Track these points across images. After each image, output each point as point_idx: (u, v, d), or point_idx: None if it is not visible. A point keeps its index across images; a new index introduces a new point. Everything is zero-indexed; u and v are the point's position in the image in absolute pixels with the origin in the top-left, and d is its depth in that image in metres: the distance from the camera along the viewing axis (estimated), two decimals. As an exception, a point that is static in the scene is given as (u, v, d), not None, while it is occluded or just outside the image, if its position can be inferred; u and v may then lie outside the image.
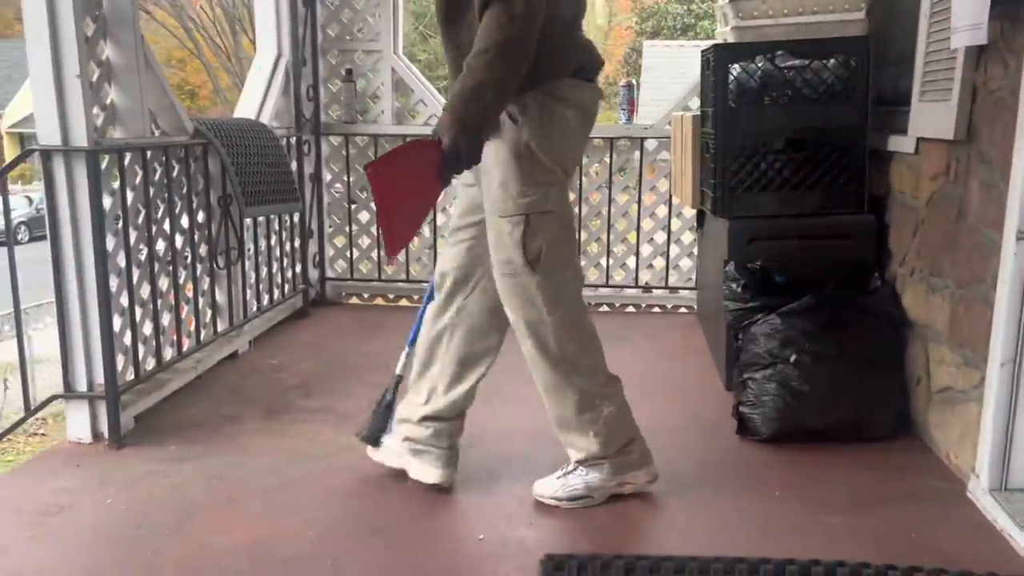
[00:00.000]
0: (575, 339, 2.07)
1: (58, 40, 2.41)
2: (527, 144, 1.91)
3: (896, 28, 2.95)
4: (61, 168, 2.47)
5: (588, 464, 2.14)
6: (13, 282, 2.55)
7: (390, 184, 1.88)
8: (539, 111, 1.91)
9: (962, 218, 2.28)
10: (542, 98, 1.91)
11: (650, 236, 4.40)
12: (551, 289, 2.01)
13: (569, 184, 2.10)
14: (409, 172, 1.93)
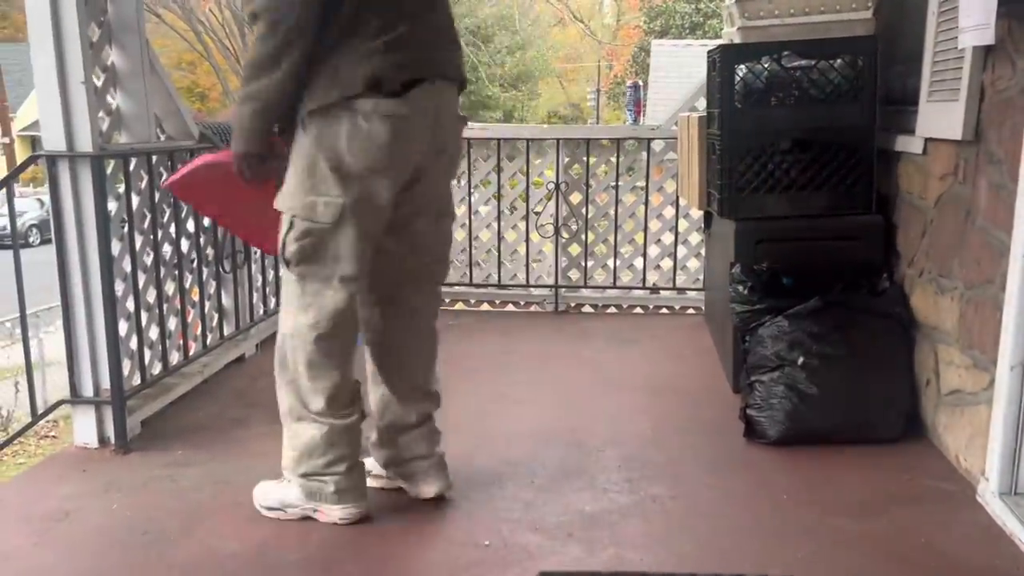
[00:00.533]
0: (303, 357, 2.01)
1: (62, 46, 2.42)
2: (312, 154, 1.89)
3: (904, 27, 2.93)
4: (66, 173, 2.48)
5: (285, 476, 2.14)
6: (19, 286, 2.55)
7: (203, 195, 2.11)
8: (327, 126, 1.87)
9: (971, 219, 2.26)
10: (335, 111, 1.86)
11: (657, 237, 4.39)
12: (302, 296, 1.99)
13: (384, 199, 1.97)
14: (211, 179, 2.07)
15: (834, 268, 2.80)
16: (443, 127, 2.04)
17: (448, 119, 2.06)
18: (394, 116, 1.88)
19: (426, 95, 1.94)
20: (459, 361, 3.53)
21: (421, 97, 1.92)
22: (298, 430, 2.08)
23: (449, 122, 2.07)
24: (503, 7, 24.81)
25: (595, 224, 4.38)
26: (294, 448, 2.09)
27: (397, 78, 1.88)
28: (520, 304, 4.48)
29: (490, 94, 23.21)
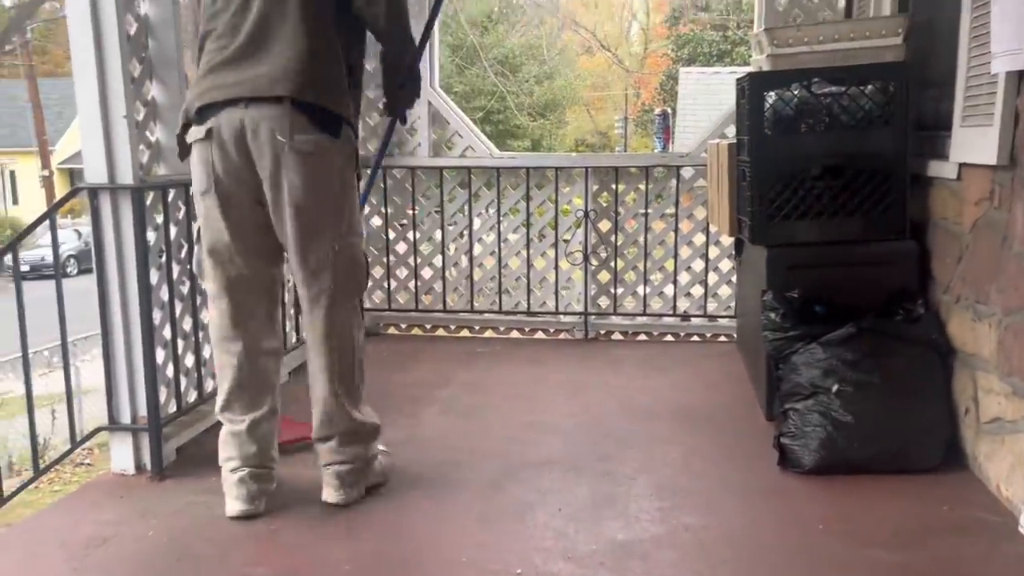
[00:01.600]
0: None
1: (105, 82, 2.49)
2: None
3: (935, 52, 2.92)
4: (107, 205, 2.54)
5: None
6: (61, 315, 2.61)
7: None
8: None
9: (1007, 244, 2.23)
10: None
11: (688, 264, 4.37)
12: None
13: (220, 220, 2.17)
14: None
15: (867, 294, 2.77)
16: (252, 155, 2.08)
17: (255, 147, 2.07)
18: (196, 141, 2.11)
19: (223, 121, 2.07)
20: (490, 389, 3.54)
21: (216, 124, 2.07)
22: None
23: (256, 151, 2.07)
24: (531, 37, 25.05)
25: (624, 252, 4.38)
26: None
27: (194, 105, 2.10)
28: (549, 331, 4.48)
29: (518, 123, 23.36)
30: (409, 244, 4.47)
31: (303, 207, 2.11)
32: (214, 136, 2.06)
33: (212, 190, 2.10)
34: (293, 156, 2.06)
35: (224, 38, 2.09)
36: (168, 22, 2.74)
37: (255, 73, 2.04)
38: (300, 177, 2.07)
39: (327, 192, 2.14)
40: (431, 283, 4.51)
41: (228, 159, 2.07)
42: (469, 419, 3.16)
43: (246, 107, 2.04)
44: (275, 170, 2.07)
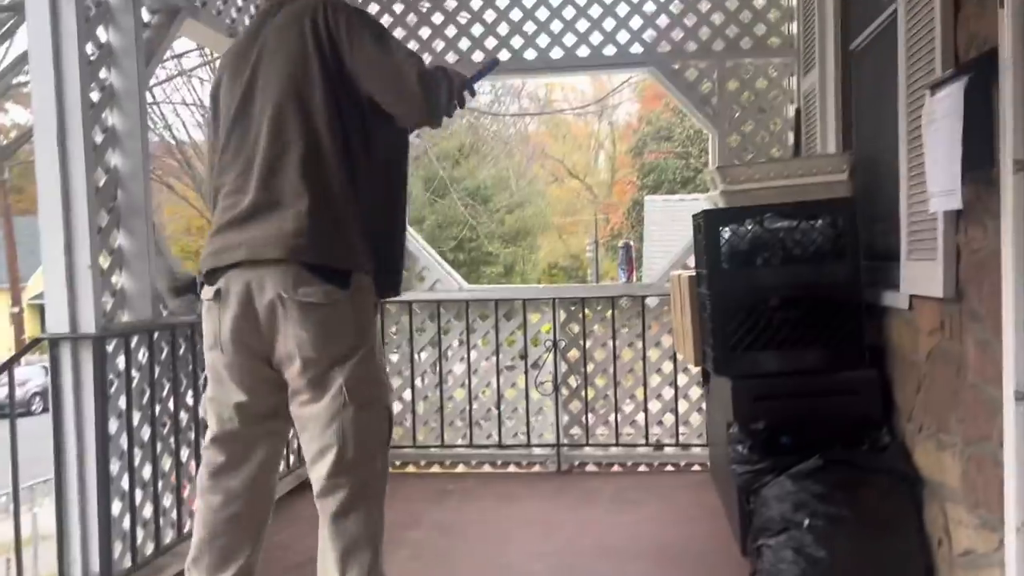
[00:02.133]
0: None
1: (71, 232, 2.53)
2: None
3: (879, 186, 3.05)
4: (68, 355, 2.53)
5: None
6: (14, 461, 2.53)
7: None
8: None
9: (962, 375, 2.27)
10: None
11: (658, 392, 4.38)
12: None
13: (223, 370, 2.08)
14: None
15: (833, 424, 2.78)
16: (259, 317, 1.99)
17: (260, 308, 1.98)
18: (206, 301, 2.07)
19: (230, 283, 2.00)
20: (461, 529, 3.45)
21: (225, 285, 2.01)
22: None
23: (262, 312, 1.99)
24: (501, 169, 25.86)
25: (594, 380, 4.39)
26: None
27: (204, 267, 2.07)
28: (522, 464, 4.41)
29: (490, 250, 23.79)
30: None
31: (312, 360, 2.00)
32: (222, 297, 2.02)
33: (218, 348, 2.05)
34: (298, 310, 1.97)
35: (232, 196, 2.05)
36: (138, 173, 2.81)
37: (258, 235, 1.99)
38: (307, 330, 1.97)
39: (339, 342, 2.01)
40: (401, 417, 4.46)
41: (236, 320, 2.01)
42: (441, 565, 3.06)
43: (251, 268, 1.99)
44: (283, 326, 1.99)
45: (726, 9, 4.24)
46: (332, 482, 2.02)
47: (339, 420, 2.00)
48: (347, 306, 2.01)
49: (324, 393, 2.01)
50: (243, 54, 2.11)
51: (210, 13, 3.38)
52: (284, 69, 2.02)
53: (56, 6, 2.53)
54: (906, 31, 2.57)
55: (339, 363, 2.00)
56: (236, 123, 2.07)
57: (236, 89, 2.08)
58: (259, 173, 2.01)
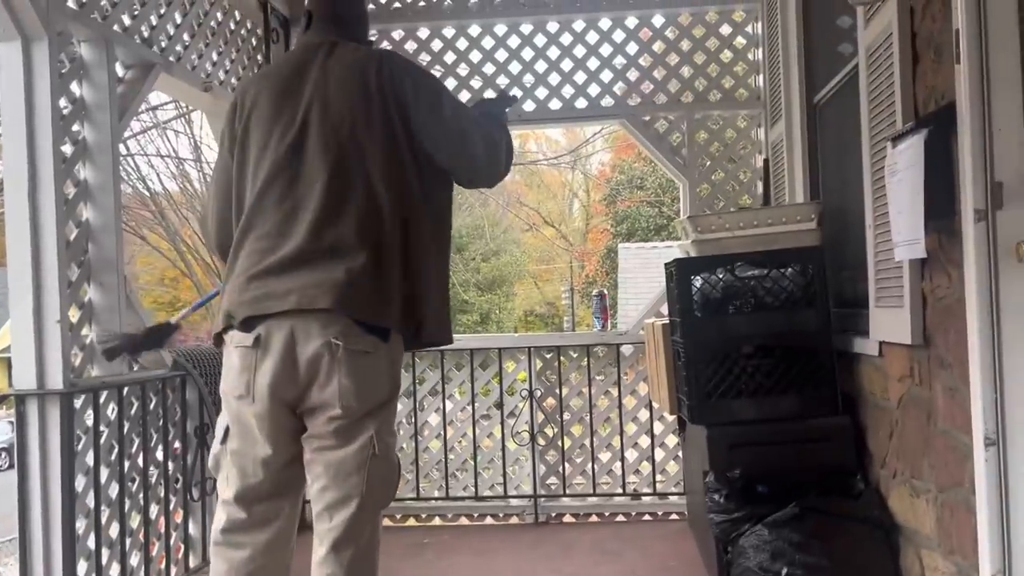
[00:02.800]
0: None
1: (41, 287, 2.50)
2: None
3: (847, 234, 3.11)
4: (35, 411, 2.49)
5: None
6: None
7: None
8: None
9: (932, 421, 2.29)
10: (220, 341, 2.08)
11: (634, 440, 4.37)
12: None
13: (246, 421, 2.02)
14: None
15: (807, 471, 2.79)
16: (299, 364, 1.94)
17: (305, 355, 1.93)
18: (241, 347, 1.97)
19: (272, 329, 1.94)
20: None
21: (265, 332, 1.94)
22: None
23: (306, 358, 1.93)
24: (476, 218, 26.00)
25: (570, 429, 4.37)
26: None
27: (239, 314, 1.96)
28: (499, 516, 4.36)
29: (466, 299, 23.79)
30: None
31: (351, 409, 1.96)
32: (261, 344, 1.95)
33: (251, 398, 1.96)
34: (347, 359, 1.93)
35: (271, 239, 1.98)
36: (109, 226, 2.80)
37: (308, 283, 1.93)
38: (352, 380, 1.94)
39: (376, 393, 2.00)
40: (376, 470, 4.40)
41: (274, 367, 1.94)
42: (414, 620, 3.00)
43: (297, 316, 1.93)
44: (325, 375, 1.94)
45: (694, 63, 4.34)
46: (353, 531, 1.95)
47: (366, 469, 1.96)
48: (386, 358, 2.01)
49: (352, 441, 1.96)
50: (289, 92, 2.04)
51: (184, 68, 3.40)
52: (346, 121, 1.99)
53: (30, 61, 2.54)
54: (867, 84, 2.65)
55: (373, 413, 1.98)
56: (282, 168, 1.99)
57: (281, 129, 2.02)
58: (311, 221, 1.95)
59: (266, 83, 2.09)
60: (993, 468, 1.90)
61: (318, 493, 1.98)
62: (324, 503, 1.97)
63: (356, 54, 2.07)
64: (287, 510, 2.06)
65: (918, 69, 2.34)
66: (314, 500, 2.00)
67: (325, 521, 1.97)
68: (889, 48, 2.44)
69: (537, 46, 4.37)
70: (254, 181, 2.02)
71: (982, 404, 1.91)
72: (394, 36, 4.45)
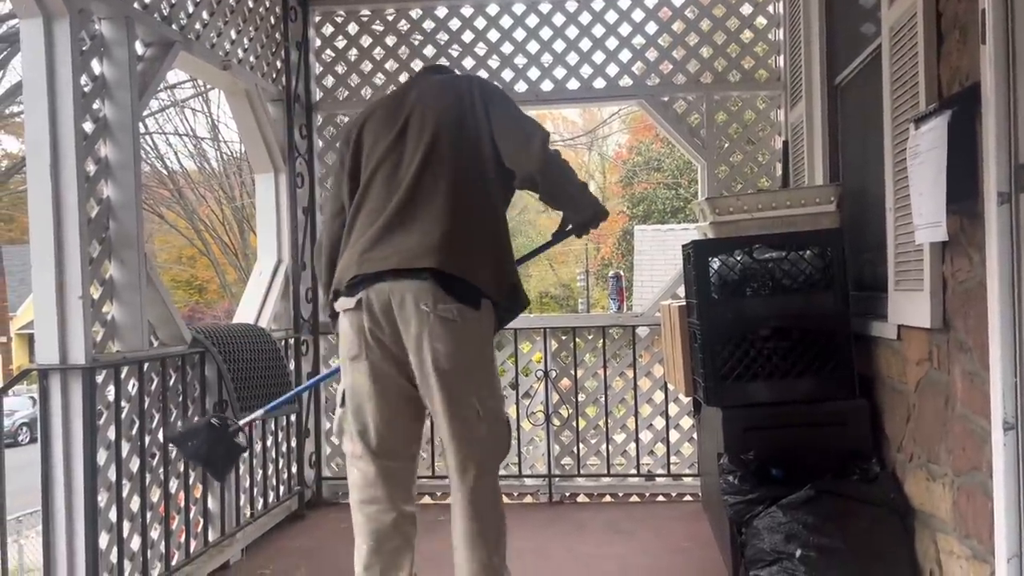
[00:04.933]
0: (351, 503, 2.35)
1: (63, 264, 2.53)
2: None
3: (867, 217, 3.09)
4: (57, 386, 2.51)
5: None
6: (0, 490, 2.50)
7: None
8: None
9: (950, 405, 2.28)
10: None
11: (649, 422, 4.38)
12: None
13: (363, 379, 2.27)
14: None
15: (823, 454, 2.79)
16: (399, 325, 2.17)
17: (402, 318, 2.16)
18: (349, 311, 2.21)
19: (372, 293, 2.17)
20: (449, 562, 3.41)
21: (367, 296, 2.18)
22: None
23: (403, 322, 2.16)
24: (492, 198, 25.99)
25: (585, 411, 4.38)
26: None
27: (344, 278, 2.21)
28: (514, 495, 4.39)
29: (482, 279, 23.80)
30: (369, 409, 4.43)
31: (447, 372, 2.17)
32: (364, 306, 2.18)
33: (363, 356, 2.21)
34: (437, 324, 2.15)
35: (375, 212, 2.23)
36: (130, 204, 2.82)
37: (402, 247, 2.16)
38: (443, 344, 2.15)
39: (469, 358, 2.21)
40: (391, 449, 4.43)
41: (378, 328, 2.18)
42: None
43: (394, 279, 2.15)
44: (420, 338, 2.15)
45: (714, 43, 4.30)
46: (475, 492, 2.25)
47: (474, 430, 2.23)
48: (476, 325, 2.22)
49: (458, 401, 2.20)
50: (394, 106, 2.38)
51: (203, 46, 3.41)
52: (440, 118, 2.28)
53: (51, 39, 2.55)
54: (890, 66, 2.62)
55: (470, 376, 2.21)
56: (385, 159, 2.28)
57: (386, 132, 2.32)
58: (406, 194, 2.21)
59: (376, 102, 2.47)
60: (1011, 452, 1.89)
61: (447, 452, 2.26)
62: (452, 470, 2.26)
63: (450, 75, 2.51)
64: (407, 464, 2.33)
65: (943, 49, 2.31)
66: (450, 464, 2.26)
67: (455, 481, 2.26)
68: (913, 28, 2.41)
69: (556, 25, 4.35)
70: (365, 178, 2.30)
71: (1001, 388, 1.90)
72: (412, 15, 4.43)
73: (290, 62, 4.23)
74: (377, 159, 2.29)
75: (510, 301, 2.33)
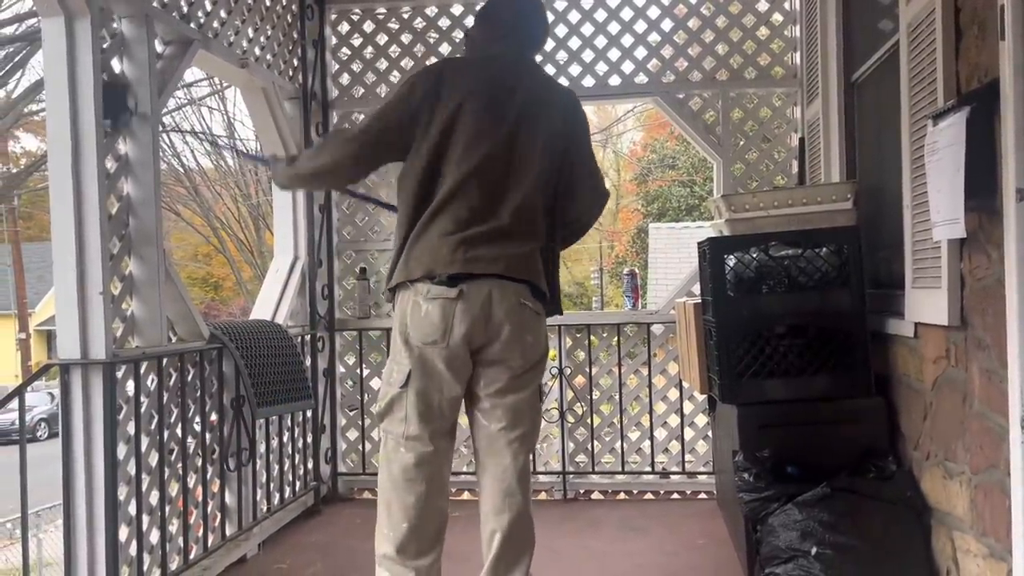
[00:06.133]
0: (382, 499, 2.43)
1: (84, 260, 2.56)
2: (393, 326, 2.41)
3: (884, 214, 3.07)
4: (78, 380, 2.54)
5: None
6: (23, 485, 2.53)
7: None
8: (398, 303, 2.39)
9: (968, 402, 2.27)
10: (402, 291, 2.38)
11: (664, 420, 4.38)
12: (384, 452, 2.43)
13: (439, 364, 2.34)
14: None
15: (839, 452, 2.78)
16: (494, 319, 2.33)
17: (500, 312, 2.33)
18: (442, 299, 2.30)
19: (472, 287, 2.31)
20: (465, 557, 3.43)
21: (467, 288, 2.30)
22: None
23: (500, 315, 2.33)
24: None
25: (599, 408, 4.39)
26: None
27: (446, 272, 2.30)
28: (528, 492, 4.39)
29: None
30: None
31: (533, 360, 2.43)
32: (463, 297, 2.30)
33: (444, 342, 2.31)
34: (532, 319, 2.40)
35: (482, 212, 2.34)
36: (149, 201, 2.84)
37: (510, 255, 2.35)
38: (531, 334, 2.40)
39: (545, 349, 2.49)
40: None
41: (470, 318, 2.31)
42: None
43: (497, 280, 2.33)
44: (513, 330, 2.35)
45: (730, 40, 4.29)
46: (525, 464, 2.44)
47: (534, 410, 2.49)
48: (545, 322, 2.50)
49: (527, 389, 2.43)
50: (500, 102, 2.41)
51: (222, 44, 3.44)
52: (544, 136, 2.43)
53: (73, 37, 2.58)
54: (908, 62, 2.61)
55: (540, 366, 2.48)
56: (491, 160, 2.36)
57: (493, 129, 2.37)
58: (515, 209, 2.37)
59: (478, 84, 2.42)
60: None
61: (498, 432, 2.40)
62: (506, 439, 2.40)
63: (553, 84, 2.61)
64: (452, 444, 2.47)
65: (961, 45, 2.30)
66: (492, 437, 2.40)
67: (506, 455, 2.40)
68: (932, 24, 2.40)
69: (571, 23, 4.35)
70: (460, 164, 2.34)
71: (1020, 385, 1.89)
72: (428, 12, 4.45)
73: (306, 60, 4.25)
74: (481, 156, 2.35)
75: (553, 307, 2.56)
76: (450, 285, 2.30)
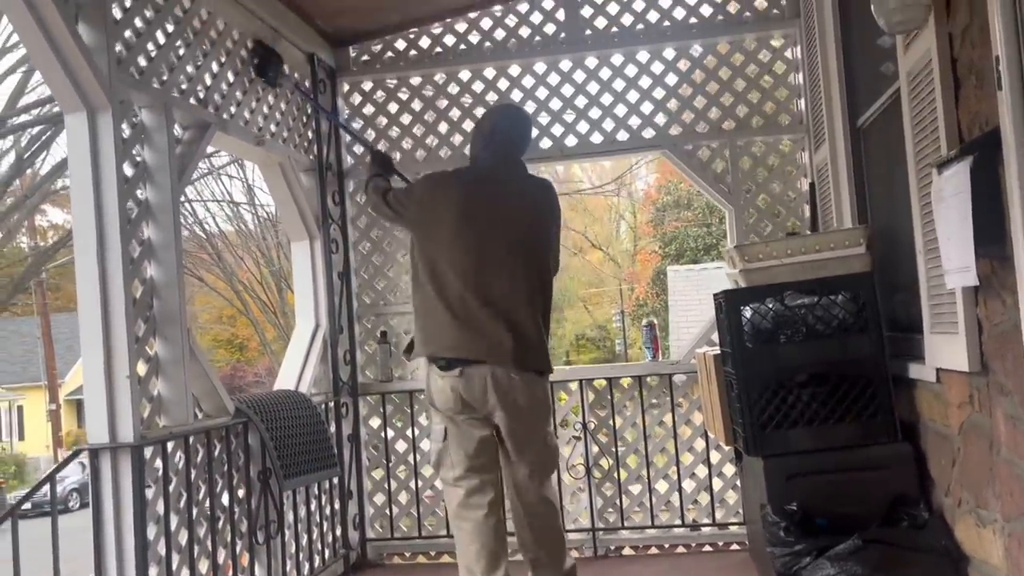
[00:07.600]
0: (455, 534, 3.04)
1: (111, 344, 2.62)
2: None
3: (898, 257, 3.07)
4: (107, 464, 2.59)
5: None
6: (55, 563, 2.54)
7: None
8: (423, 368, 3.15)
9: (995, 449, 2.25)
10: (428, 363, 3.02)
11: (691, 471, 4.33)
12: (444, 492, 3.11)
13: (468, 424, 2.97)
14: None
15: (869, 500, 2.76)
16: (496, 399, 2.88)
17: (500, 380, 2.87)
18: (449, 377, 2.90)
19: (471, 370, 2.88)
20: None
21: (467, 371, 2.88)
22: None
23: (499, 397, 2.87)
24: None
25: (626, 461, 4.36)
26: None
27: (444, 357, 2.92)
28: (558, 550, 4.35)
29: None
30: (409, 468, 4.45)
31: (527, 418, 2.96)
32: (464, 376, 2.88)
33: (462, 411, 2.92)
34: (522, 387, 2.91)
35: (476, 300, 2.89)
36: (172, 282, 2.91)
37: (504, 345, 2.87)
38: (525, 399, 2.92)
39: (542, 407, 3.02)
40: (434, 506, 4.45)
41: (472, 391, 2.89)
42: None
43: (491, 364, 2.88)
44: (511, 397, 2.89)
45: (734, 90, 4.35)
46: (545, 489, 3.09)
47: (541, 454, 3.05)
48: (546, 384, 3.06)
49: (533, 439, 3.01)
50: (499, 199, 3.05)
51: (237, 124, 3.54)
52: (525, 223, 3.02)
53: (95, 131, 2.68)
54: (910, 110, 2.64)
55: (543, 420, 3.04)
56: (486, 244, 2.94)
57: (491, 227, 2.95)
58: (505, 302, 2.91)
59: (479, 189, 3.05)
60: (1058, 499, 1.86)
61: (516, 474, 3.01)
62: (522, 477, 3.01)
63: (536, 180, 3.24)
64: (496, 478, 3.01)
65: (960, 94, 2.33)
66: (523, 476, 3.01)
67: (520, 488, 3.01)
68: (930, 74, 2.44)
69: (577, 82, 4.42)
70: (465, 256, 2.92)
71: (1044, 434, 1.88)
72: (437, 80, 4.55)
73: (320, 132, 4.35)
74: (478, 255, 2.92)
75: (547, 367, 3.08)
76: (448, 368, 2.89)
